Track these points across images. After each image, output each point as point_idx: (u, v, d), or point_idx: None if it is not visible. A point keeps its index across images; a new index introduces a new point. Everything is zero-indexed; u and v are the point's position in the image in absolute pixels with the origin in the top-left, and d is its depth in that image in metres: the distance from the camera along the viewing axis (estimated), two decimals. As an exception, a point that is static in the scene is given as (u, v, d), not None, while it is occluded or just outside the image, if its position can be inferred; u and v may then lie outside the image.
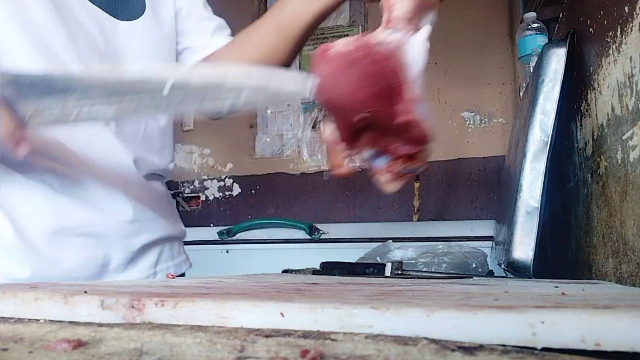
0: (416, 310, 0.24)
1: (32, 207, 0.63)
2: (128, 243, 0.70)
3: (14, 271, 0.60)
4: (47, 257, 0.63)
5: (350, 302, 0.27)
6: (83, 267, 0.65)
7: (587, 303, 0.28)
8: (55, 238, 0.63)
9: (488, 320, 0.23)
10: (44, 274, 0.61)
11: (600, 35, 0.72)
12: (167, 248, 0.78)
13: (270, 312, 0.26)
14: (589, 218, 0.79)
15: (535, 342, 0.22)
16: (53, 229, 0.63)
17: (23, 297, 0.31)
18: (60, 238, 0.64)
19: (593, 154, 0.76)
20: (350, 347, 0.22)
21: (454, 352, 0.21)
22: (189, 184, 2.48)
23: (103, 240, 0.67)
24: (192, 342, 0.23)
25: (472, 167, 2.09)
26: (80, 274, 0.64)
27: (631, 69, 0.59)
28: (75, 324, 0.29)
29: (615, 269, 0.65)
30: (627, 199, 0.61)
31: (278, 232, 2.04)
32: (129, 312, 0.29)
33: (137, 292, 0.34)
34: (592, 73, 0.76)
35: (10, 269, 0.60)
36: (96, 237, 0.67)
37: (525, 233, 0.80)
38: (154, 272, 0.75)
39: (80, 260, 0.65)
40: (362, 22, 2.44)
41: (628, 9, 0.59)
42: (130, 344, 0.23)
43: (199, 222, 2.38)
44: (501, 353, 0.21)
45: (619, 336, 0.21)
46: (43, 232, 0.63)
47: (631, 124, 0.59)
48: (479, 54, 2.17)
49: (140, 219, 0.71)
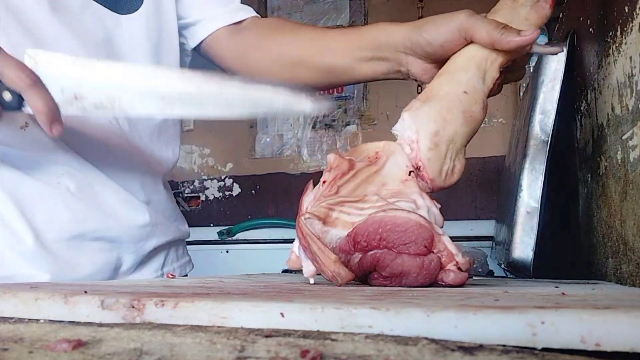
0: (416, 311, 0.24)
1: (50, 212, 0.63)
2: (140, 247, 0.71)
3: (34, 277, 0.61)
4: (65, 262, 0.63)
5: (351, 302, 0.27)
6: (99, 271, 0.66)
7: (587, 303, 0.28)
8: (72, 243, 0.64)
9: (488, 321, 0.23)
10: (62, 279, 0.61)
11: (600, 35, 0.72)
12: (173, 250, 0.79)
13: (270, 312, 0.26)
14: (589, 218, 0.79)
15: (535, 342, 0.22)
16: (71, 234, 0.64)
17: (23, 297, 0.31)
18: (77, 243, 0.65)
19: (593, 154, 0.76)
20: (350, 347, 0.22)
21: (454, 352, 0.21)
22: (189, 184, 2.48)
23: (117, 245, 0.68)
24: (192, 342, 0.23)
25: (472, 167, 2.09)
26: (95, 278, 0.65)
27: (631, 69, 0.59)
28: (75, 324, 0.29)
29: (615, 269, 0.65)
30: (627, 199, 0.60)
31: (278, 232, 2.04)
32: (129, 312, 0.29)
33: (137, 292, 0.34)
34: (592, 73, 0.76)
35: (30, 275, 0.61)
36: (111, 241, 0.68)
37: (525, 233, 0.80)
38: (162, 273, 0.76)
39: (96, 264, 0.66)
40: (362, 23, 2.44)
41: (628, 9, 0.59)
42: (130, 344, 0.23)
43: (199, 222, 2.38)
44: (501, 353, 0.21)
45: (619, 336, 0.21)
46: (61, 237, 0.63)
47: (631, 124, 0.59)
48: (479, 54, 2.16)
49: (153, 224, 0.72)
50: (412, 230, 0.46)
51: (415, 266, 0.45)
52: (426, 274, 0.46)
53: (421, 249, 0.46)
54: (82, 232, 0.65)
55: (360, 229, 0.47)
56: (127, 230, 0.69)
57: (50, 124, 0.50)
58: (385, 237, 0.46)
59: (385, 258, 0.46)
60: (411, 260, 0.46)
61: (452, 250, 0.46)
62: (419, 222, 0.46)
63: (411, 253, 0.46)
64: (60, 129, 0.51)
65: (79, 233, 0.65)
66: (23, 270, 0.61)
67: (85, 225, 0.65)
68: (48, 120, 0.50)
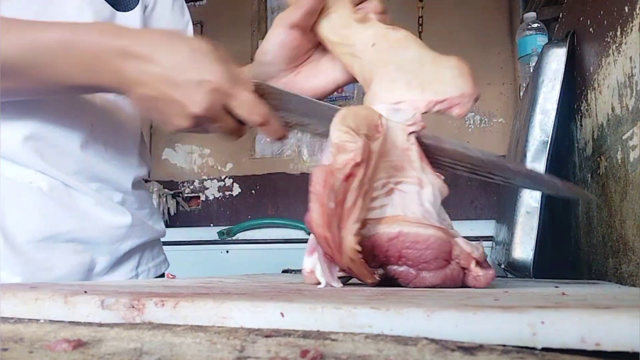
0: (416, 310, 0.24)
1: (21, 212, 0.62)
2: (114, 248, 0.69)
3: (5, 279, 0.59)
4: (37, 264, 0.62)
5: (350, 302, 0.27)
6: (72, 273, 0.64)
7: (587, 303, 0.28)
8: (44, 245, 0.63)
9: (488, 320, 0.23)
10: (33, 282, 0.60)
11: (600, 35, 0.72)
12: (148, 250, 0.78)
13: (270, 312, 0.26)
14: (589, 218, 0.79)
15: (535, 342, 0.22)
16: (42, 235, 0.62)
17: (23, 297, 0.31)
18: (49, 245, 0.63)
19: (593, 154, 0.76)
20: (350, 347, 0.22)
21: (454, 352, 0.21)
22: (189, 184, 2.48)
23: (91, 246, 0.67)
24: (192, 342, 0.23)
25: (472, 167, 2.09)
26: (68, 280, 0.64)
27: (631, 69, 0.59)
28: (75, 324, 0.29)
29: (615, 269, 0.65)
30: (627, 199, 0.60)
31: (278, 232, 2.04)
32: (129, 312, 0.29)
33: (137, 292, 0.34)
34: (592, 73, 0.76)
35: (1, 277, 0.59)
36: (85, 242, 0.66)
37: (525, 233, 0.80)
38: (136, 274, 0.74)
39: (69, 266, 0.64)
40: (362, 22, 2.43)
41: (628, 9, 0.59)
42: (130, 344, 0.23)
43: (199, 222, 2.38)
44: (501, 353, 0.21)
45: (619, 336, 0.21)
46: (32, 238, 0.62)
47: (631, 124, 0.59)
48: (479, 54, 2.17)
49: (129, 225, 0.71)
50: (432, 247, 0.44)
51: (437, 282, 0.44)
52: (451, 284, 0.45)
53: (442, 263, 0.44)
54: (54, 234, 0.63)
55: (378, 244, 0.45)
56: (102, 232, 0.67)
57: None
58: (405, 255, 0.44)
59: (407, 276, 0.45)
60: (433, 277, 0.44)
61: (467, 250, 0.45)
62: (439, 238, 0.44)
63: (432, 269, 0.44)
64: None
65: (51, 234, 0.63)
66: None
67: (58, 227, 0.63)
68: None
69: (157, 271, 0.79)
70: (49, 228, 0.63)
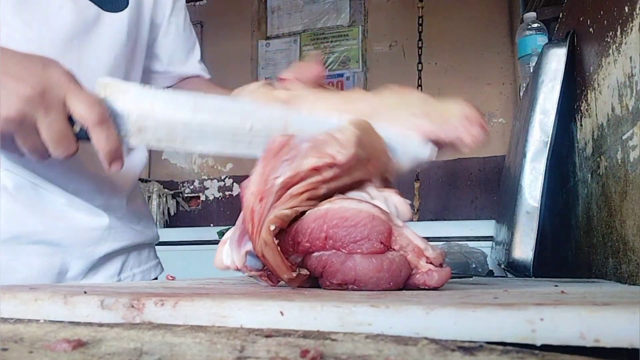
0: (416, 308, 0.24)
1: None
2: (89, 252, 0.67)
3: None
4: None
5: (350, 301, 0.27)
6: (38, 276, 0.63)
7: (586, 300, 0.28)
8: (7, 246, 0.61)
9: (487, 318, 0.23)
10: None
11: (600, 35, 0.72)
12: (134, 255, 0.75)
13: (270, 310, 0.26)
14: (589, 218, 0.79)
15: (535, 338, 0.22)
16: (5, 236, 0.61)
17: (23, 297, 0.31)
18: (12, 247, 0.61)
19: (593, 154, 0.76)
20: (350, 347, 0.22)
21: (454, 352, 0.21)
22: (189, 184, 2.48)
23: (62, 249, 0.65)
24: (192, 342, 0.23)
25: (472, 167, 2.09)
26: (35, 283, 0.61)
27: (631, 69, 0.59)
28: (75, 324, 0.29)
29: (615, 268, 0.65)
30: (627, 199, 0.61)
31: (278, 233, 2.04)
32: (128, 312, 0.29)
33: (137, 292, 0.34)
34: (592, 73, 0.76)
35: None
36: (53, 245, 0.64)
37: (525, 233, 0.80)
38: (119, 279, 0.72)
39: (35, 269, 0.62)
40: (362, 23, 2.43)
41: (628, 9, 0.59)
42: (130, 344, 0.23)
43: (199, 222, 2.38)
44: (501, 353, 0.21)
45: (618, 332, 0.21)
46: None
47: (631, 124, 0.59)
48: (479, 54, 2.17)
49: (105, 227, 0.68)
50: (363, 224, 0.38)
51: (371, 269, 0.37)
52: (389, 277, 0.37)
53: (377, 246, 0.37)
54: (18, 235, 0.61)
55: (302, 226, 0.39)
56: (72, 234, 0.65)
57: (110, 163, 0.50)
58: (332, 235, 0.38)
59: (334, 261, 0.38)
60: (365, 262, 0.37)
61: (418, 244, 0.39)
62: (371, 214, 0.38)
63: (365, 252, 0.37)
64: (119, 167, 0.51)
65: (15, 235, 0.61)
66: None
67: (22, 228, 0.62)
68: (108, 159, 0.50)
69: (144, 277, 0.76)
70: (12, 229, 0.61)
